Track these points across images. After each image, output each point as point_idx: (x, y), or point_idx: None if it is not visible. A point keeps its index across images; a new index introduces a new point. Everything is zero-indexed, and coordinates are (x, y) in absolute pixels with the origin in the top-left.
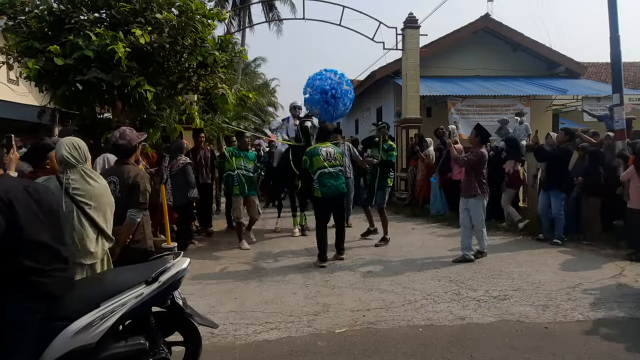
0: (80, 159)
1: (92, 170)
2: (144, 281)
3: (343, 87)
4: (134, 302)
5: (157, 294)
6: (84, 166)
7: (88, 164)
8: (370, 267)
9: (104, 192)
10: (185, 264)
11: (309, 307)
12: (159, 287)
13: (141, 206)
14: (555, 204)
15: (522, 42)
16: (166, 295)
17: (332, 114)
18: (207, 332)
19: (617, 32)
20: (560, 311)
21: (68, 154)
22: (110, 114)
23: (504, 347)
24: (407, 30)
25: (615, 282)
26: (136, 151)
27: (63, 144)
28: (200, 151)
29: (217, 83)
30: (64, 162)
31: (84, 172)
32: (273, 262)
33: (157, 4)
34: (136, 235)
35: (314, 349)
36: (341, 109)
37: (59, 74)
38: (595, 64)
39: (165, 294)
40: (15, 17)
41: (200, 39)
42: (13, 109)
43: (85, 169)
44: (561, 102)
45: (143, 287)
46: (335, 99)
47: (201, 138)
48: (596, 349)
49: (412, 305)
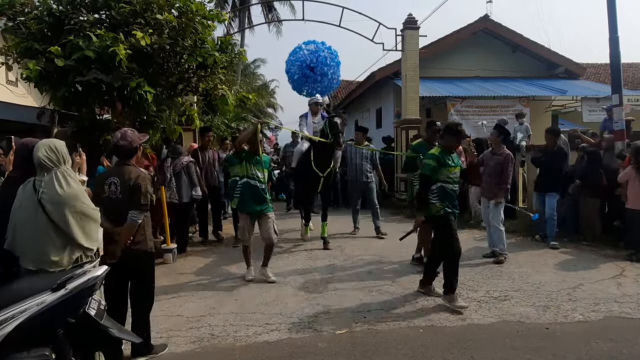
0: (58, 161)
1: (69, 174)
2: (49, 288)
3: (321, 55)
4: (35, 310)
5: (64, 302)
6: (60, 169)
7: (67, 166)
8: (370, 267)
9: (75, 198)
10: (100, 271)
11: (310, 309)
12: (66, 295)
13: (142, 207)
14: (549, 204)
15: (521, 43)
16: (77, 303)
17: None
18: (207, 334)
19: (616, 33)
20: (560, 312)
21: (44, 156)
22: (110, 115)
23: (505, 348)
24: (407, 31)
25: (616, 283)
26: (137, 152)
27: (40, 146)
28: (207, 152)
29: (217, 84)
30: (39, 165)
31: (57, 175)
32: (273, 263)
33: (157, 5)
34: (137, 237)
35: (314, 350)
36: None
37: (59, 75)
38: (594, 65)
39: (76, 303)
40: (15, 18)
41: (200, 40)
42: (12, 110)
43: (60, 172)
44: (560, 103)
45: (47, 294)
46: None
47: (209, 137)
48: (597, 350)
49: (412, 306)
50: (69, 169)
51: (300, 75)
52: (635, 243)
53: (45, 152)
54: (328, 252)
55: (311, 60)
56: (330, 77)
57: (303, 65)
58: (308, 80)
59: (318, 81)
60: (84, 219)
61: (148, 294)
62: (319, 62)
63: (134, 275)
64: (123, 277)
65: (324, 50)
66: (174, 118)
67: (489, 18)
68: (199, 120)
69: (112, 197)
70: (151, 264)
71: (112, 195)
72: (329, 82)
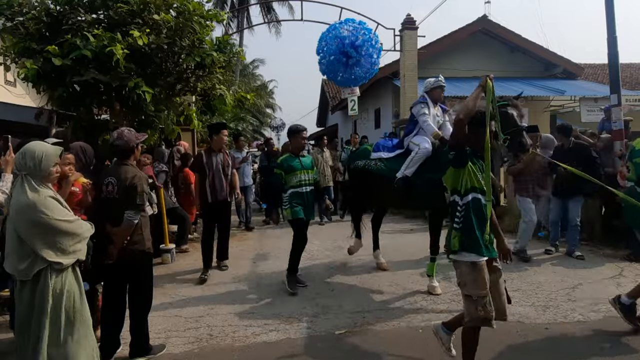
0: (30, 168)
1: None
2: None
3: (366, 34)
4: None
5: None
6: (27, 176)
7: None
8: (370, 267)
9: (32, 208)
10: None
11: (309, 309)
12: None
13: (138, 208)
14: (573, 211)
15: (519, 44)
16: None
17: (362, 70)
18: (205, 334)
19: (615, 33)
20: (560, 312)
21: (18, 161)
22: (108, 115)
23: (505, 348)
24: (405, 31)
25: (615, 283)
26: (135, 152)
27: (22, 149)
28: (217, 155)
29: (215, 84)
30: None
31: (22, 181)
32: (272, 263)
33: (155, 5)
34: (134, 237)
35: (313, 351)
36: (372, 59)
37: (57, 75)
38: (592, 65)
39: None
40: (13, 18)
41: (199, 40)
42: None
43: (26, 178)
44: (559, 103)
45: None
46: (356, 50)
47: (223, 135)
48: (597, 350)
49: (412, 307)
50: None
51: (338, 55)
52: (635, 243)
53: (21, 156)
54: (327, 252)
55: (355, 38)
56: (374, 62)
57: (345, 42)
58: (349, 61)
59: (360, 64)
60: (47, 231)
61: (146, 294)
62: (364, 40)
63: (132, 275)
64: (121, 277)
65: (366, 32)
66: (172, 118)
67: (488, 18)
68: (197, 121)
69: (109, 197)
70: (149, 264)
71: (109, 195)
72: (371, 66)
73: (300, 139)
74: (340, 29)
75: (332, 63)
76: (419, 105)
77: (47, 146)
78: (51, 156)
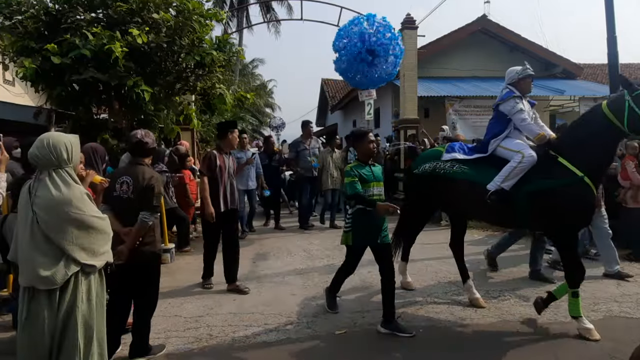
0: (53, 160)
1: (69, 176)
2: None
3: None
4: None
5: None
6: (57, 169)
7: (71, 166)
8: (369, 268)
9: (68, 203)
10: None
11: (308, 309)
12: None
13: (154, 209)
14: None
15: (519, 43)
16: None
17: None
18: (205, 334)
19: (614, 33)
20: (560, 311)
21: (34, 154)
22: (107, 115)
23: (505, 348)
24: (405, 31)
25: (615, 282)
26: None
27: (36, 141)
28: (229, 157)
29: (215, 83)
30: (32, 163)
31: (53, 176)
32: (272, 263)
33: (154, 3)
34: (146, 238)
35: (313, 351)
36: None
37: (55, 74)
38: (591, 65)
39: None
40: (11, 17)
41: (198, 39)
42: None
43: (57, 173)
44: (558, 103)
45: None
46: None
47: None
48: (597, 349)
49: (412, 306)
50: (71, 170)
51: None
52: (635, 242)
53: (37, 147)
54: (327, 252)
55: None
56: (396, 64)
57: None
58: (375, 60)
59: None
60: (82, 229)
61: (152, 296)
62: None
63: (140, 276)
64: (129, 277)
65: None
66: (172, 117)
67: (487, 18)
68: (197, 120)
69: (122, 197)
70: (158, 265)
71: (122, 194)
72: (394, 68)
73: (368, 143)
74: (364, 23)
75: (354, 61)
76: (512, 100)
77: (69, 135)
78: (78, 145)
